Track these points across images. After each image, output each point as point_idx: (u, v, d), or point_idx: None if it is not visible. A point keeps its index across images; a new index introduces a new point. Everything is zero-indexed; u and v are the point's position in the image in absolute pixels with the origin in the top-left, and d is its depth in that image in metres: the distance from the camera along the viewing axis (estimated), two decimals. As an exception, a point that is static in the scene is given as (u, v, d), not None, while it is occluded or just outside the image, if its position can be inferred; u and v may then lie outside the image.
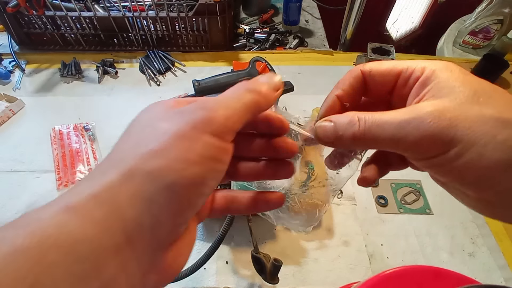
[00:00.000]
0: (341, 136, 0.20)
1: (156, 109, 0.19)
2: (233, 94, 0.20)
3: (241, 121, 0.19)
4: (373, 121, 0.19)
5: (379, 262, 0.51)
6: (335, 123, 0.21)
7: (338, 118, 0.21)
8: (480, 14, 0.95)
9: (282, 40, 0.95)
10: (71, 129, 0.68)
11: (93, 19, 0.81)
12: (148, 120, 0.18)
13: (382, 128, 0.19)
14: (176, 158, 0.16)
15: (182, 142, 0.16)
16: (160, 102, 0.20)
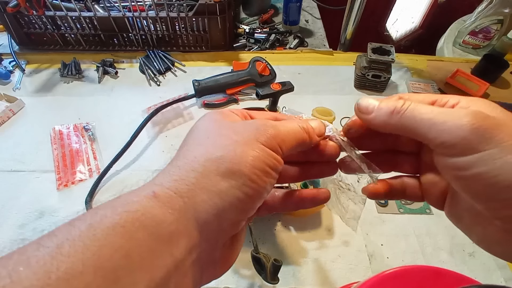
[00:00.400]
0: (381, 108, 0.21)
1: (218, 119, 0.22)
2: (289, 125, 0.23)
3: (291, 148, 0.22)
4: (416, 104, 0.20)
5: (379, 262, 0.51)
6: (380, 102, 0.22)
7: (383, 99, 0.22)
8: (480, 14, 0.95)
9: (282, 40, 0.95)
10: (71, 129, 0.68)
11: (93, 19, 0.81)
12: (217, 130, 0.21)
13: (424, 109, 0.19)
14: (245, 165, 0.19)
15: (250, 151, 0.19)
16: (218, 112, 0.23)
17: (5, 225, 0.54)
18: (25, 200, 0.57)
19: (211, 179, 0.18)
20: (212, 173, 0.19)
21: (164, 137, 0.68)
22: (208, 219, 0.18)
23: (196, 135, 0.22)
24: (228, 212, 0.19)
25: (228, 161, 0.19)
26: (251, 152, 0.19)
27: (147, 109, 0.71)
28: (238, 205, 0.19)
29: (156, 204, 0.17)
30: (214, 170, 0.19)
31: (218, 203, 0.18)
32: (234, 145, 0.20)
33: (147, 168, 0.62)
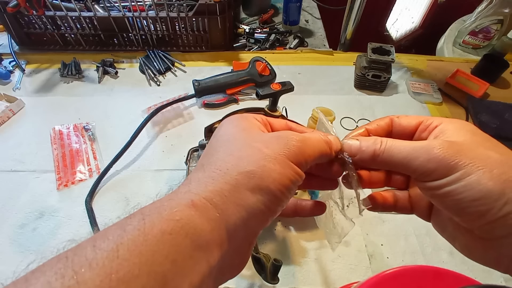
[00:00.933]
0: (363, 151, 0.24)
1: (247, 127, 0.24)
2: (315, 139, 0.24)
3: (314, 161, 0.24)
4: (392, 143, 0.23)
5: (379, 262, 0.51)
6: (360, 141, 0.25)
7: (363, 138, 0.25)
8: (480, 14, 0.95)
9: (282, 40, 0.95)
10: (71, 129, 0.68)
11: (93, 19, 0.81)
12: (247, 140, 0.23)
13: (399, 149, 0.23)
14: (273, 180, 0.21)
15: (278, 168, 0.21)
16: (245, 119, 0.25)
17: (5, 225, 0.54)
18: (25, 200, 0.57)
19: (242, 194, 0.20)
20: (242, 187, 0.20)
21: (164, 137, 0.68)
22: (236, 230, 0.20)
23: (226, 144, 0.23)
24: (253, 223, 0.21)
25: (257, 177, 0.20)
26: (280, 169, 0.21)
27: (147, 109, 0.71)
28: (261, 218, 0.21)
29: (195, 213, 0.19)
30: (245, 184, 0.20)
31: (245, 216, 0.20)
32: (264, 160, 0.21)
33: (147, 168, 0.62)
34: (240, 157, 0.21)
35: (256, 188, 0.20)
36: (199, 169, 0.22)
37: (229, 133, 0.24)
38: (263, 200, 0.21)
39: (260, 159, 0.21)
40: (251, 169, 0.21)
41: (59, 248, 0.18)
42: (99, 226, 0.53)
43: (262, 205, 0.21)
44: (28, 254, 0.50)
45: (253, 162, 0.21)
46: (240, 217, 0.20)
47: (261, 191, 0.20)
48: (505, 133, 0.70)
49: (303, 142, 0.23)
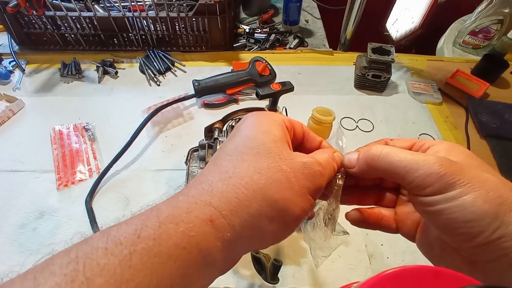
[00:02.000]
0: (360, 159, 0.24)
1: (280, 136, 0.24)
2: (329, 169, 0.25)
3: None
4: (393, 150, 0.23)
5: (379, 262, 0.51)
6: (359, 151, 0.25)
7: (363, 148, 0.25)
8: (480, 14, 0.95)
9: (282, 40, 0.95)
10: (71, 129, 0.68)
11: (93, 19, 0.81)
12: (276, 157, 0.22)
13: (399, 156, 0.22)
14: (292, 214, 0.21)
15: (299, 202, 0.22)
16: (281, 123, 0.25)
17: (5, 225, 0.54)
18: (25, 200, 0.57)
19: (261, 221, 0.21)
20: (264, 215, 0.21)
21: (164, 137, 0.68)
22: (243, 251, 0.22)
23: (255, 154, 0.22)
24: (257, 244, 0.23)
25: (280, 208, 0.21)
26: (301, 203, 0.22)
27: (147, 109, 0.71)
28: (271, 242, 0.23)
29: (211, 231, 0.19)
30: (266, 213, 0.21)
31: (256, 240, 0.22)
32: (290, 192, 0.21)
33: (147, 168, 0.62)
34: (268, 179, 0.21)
35: (275, 218, 0.21)
36: (223, 174, 0.21)
37: (259, 139, 0.23)
38: (278, 227, 0.21)
39: (287, 189, 0.21)
40: (276, 198, 0.21)
41: (67, 241, 0.19)
42: (99, 226, 0.53)
43: (274, 232, 0.22)
44: (28, 254, 0.50)
45: (280, 191, 0.21)
46: (250, 240, 0.21)
47: (279, 221, 0.21)
48: (505, 133, 0.70)
49: (323, 176, 0.24)
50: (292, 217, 0.22)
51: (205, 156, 0.53)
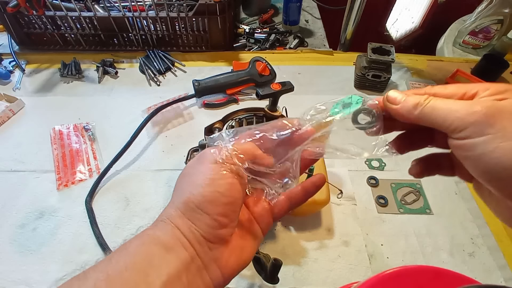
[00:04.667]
0: (406, 100, 0.24)
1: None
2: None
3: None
4: (437, 99, 0.23)
5: (379, 262, 0.51)
6: (407, 94, 0.25)
7: (408, 94, 0.25)
8: (480, 14, 0.95)
9: (282, 40, 0.95)
10: (71, 129, 0.68)
11: (93, 19, 0.81)
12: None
13: (442, 102, 0.22)
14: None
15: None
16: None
17: (5, 225, 0.54)
18: (25, 200, 0.57)
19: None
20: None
21: (164, 137, 0.68)
22: (188, 236, 0.24)
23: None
24: (207, 230, 0.25)
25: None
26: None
27: (147, 109, 0.71)
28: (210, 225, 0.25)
29: (158, 231, 0.25)
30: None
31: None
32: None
33: (147, 168, 0.62)
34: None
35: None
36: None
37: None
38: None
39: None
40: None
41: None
42: (99, 226, 0.53)
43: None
44: (28, 254, 0.50)
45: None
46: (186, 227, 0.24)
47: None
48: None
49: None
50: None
51: (205, 156, 0.53)
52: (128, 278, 0.20)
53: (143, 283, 0.21)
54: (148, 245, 0.23)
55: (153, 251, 0.22)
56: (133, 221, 0.54)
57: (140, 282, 0.21)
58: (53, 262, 0.50)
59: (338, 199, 0.58)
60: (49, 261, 0.50)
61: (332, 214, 0.56)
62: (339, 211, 0.57)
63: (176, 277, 0.22)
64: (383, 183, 0.60)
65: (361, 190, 0.60)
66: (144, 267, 0.21)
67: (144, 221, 0.54)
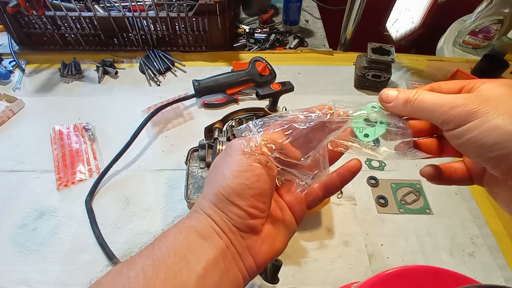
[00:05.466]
0: (398, 97, 0.26)
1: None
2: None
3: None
4: (425, 93, 0.25)
5: (379, 262, 0.51)
6: (398, 91, 0.27)
7: (402, 90, 0.27)
8: (480, 14, 0.95)
9: (282, 40, 0.95)
10: (71, 129, 0.68)
11: (93, 19, 0.81)
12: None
13: (430, 97, 0.24)
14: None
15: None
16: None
17: (5, 225, 0.54)
18: (25, 200, 0.57)
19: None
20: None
21: (164, 137, 0.68)
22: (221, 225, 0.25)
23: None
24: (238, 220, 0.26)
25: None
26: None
27: (147, 109, 0.71)
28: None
29: (194, 221, 0.26)
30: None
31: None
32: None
33: (147, 168, 0.62)
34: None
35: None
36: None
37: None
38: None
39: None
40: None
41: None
42: (99, 226, 0.53)
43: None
44: (28, 254, 0.50)
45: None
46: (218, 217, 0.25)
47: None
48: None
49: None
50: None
51: (205, 156, 0.53)
52: (171, 263, 0.22)
53: (185, 268, 0.22)
54: (185, 234, 0.24)
55: (191, 239, 0.24)
56: (133, 221, 0.54)
57: (182, 266, 0.22)
58: (53, 262, 0.50)
59: (338, 199, 0.58)
60: (49, 261, 0.50)
61: (332, 214, 0.56)
62: (339, 211, 0.57)
63: (214, 263, 0.23)
64: (383, 183, 0.60)
65: (361, 190, 0.60)
66: (184, 253, 0.23)
67: (144, 221, 0.54)
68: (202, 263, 0.22)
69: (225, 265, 0.24)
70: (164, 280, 0.21)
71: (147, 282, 0.21)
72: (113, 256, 0.49)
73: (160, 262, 0.22)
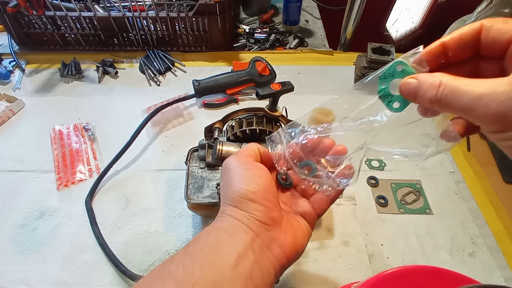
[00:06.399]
0: (420, 96, 0.22)
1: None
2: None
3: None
4: (451, 89, 0.20)
5: (379, 262, 0.51)
6: (419, 83, 0.23)
7: (422, 78, 0.22)
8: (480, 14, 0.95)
9: (282, 40, 0.95)
10: (71, 129, 0.68)
11: (93, 19, 0.81)
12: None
13: (456, 98, 0.20)
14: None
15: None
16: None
17: (5, 225, 0.54)
18: (25, 200, 0.57)
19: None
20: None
21: (164, 137, 0.68)
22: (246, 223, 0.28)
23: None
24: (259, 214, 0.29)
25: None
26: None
27: (147, 109, 0.71)
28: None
29: (222, 224, 0.28)
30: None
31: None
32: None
33: (147, 168, 0.62)
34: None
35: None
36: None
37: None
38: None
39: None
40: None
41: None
42: (99, 226, 0.53)
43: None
44: (28, 254, 0.50)
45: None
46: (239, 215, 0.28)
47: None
48: (505, 133, 0.70)
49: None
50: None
51: (205, 156, 0.53)
52: (206, 256, 0.25)
53: (219, 259, 0.25)
54: (214, 234, 0.27)
55: (221, 237, 0.26)
56: (133, 221, 0.54)
57: (216, 258, 0.25)
58: (53, 262, 0.50)
59: (338, 199, 0.58)
60: (49, 261, 0.50)
61: (332, 214, 0.56)
62: (339, 211, 0.57)
63: (244, 255, 0.25)
64: (383, 183, 0.61)
65: (361, 190, 0.60)
66: (216, 247, 0.25)
67: (144, 221, 0.54)
68: (234, 255, 0.25)
69: (254, 256, 0.26)
70: (202, 268, 0.24)
71: (186, 270, 0.24)
72: (113, 255, 0.49)
73: (196, 255, 0.25)
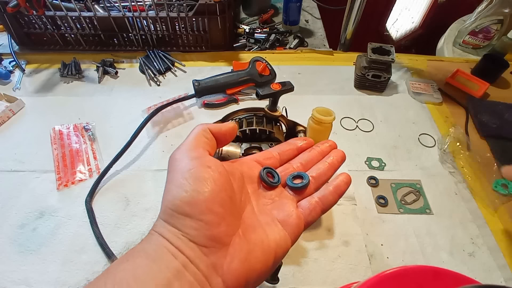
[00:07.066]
0: None
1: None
2: None
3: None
4: None
5: (379, 262, 0.51)
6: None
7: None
8: (480, 14, 0.95)
9: (282, 40, 0.95)
10: (71, 129, 0.68)
11: (93, 19, 0.81)
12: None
13: None
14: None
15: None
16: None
17: (5, 225, 0.54)
18: (25, 200, 0.57)
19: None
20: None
21: (164, 137, 0.68)
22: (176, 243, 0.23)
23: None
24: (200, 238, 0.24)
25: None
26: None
27: (147, 109, 0.71)
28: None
29: (145, 244, 0.23)
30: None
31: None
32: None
33: (147, 168, 0.62)
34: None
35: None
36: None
37: None
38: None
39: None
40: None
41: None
42: (99, 226, 0.53)
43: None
44: (28, 254, 0.50)
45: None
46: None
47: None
48: (505, 133, 0.70)
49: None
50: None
51: (205, 156, 0.53)
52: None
53: None
54: (132, 260, 0.21)
55: (138, 263, 0.21)
56: (133, 221, 0.54)
57: None
58: (53, 262, 0.50)
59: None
60: (49, 261, 0.50)
61: (332, 214, 0.56)
62: (339, 211, 0.57)
63: (165, 287, 0.20)
64: (383, 183, 0.61)
65: (361, 190, 0.60)
66: (128, 282, 0.19)
67: (144, 221, 0.54)
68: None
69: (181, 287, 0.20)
70: None
71: None
72: (112, 255, 0.49)
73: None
